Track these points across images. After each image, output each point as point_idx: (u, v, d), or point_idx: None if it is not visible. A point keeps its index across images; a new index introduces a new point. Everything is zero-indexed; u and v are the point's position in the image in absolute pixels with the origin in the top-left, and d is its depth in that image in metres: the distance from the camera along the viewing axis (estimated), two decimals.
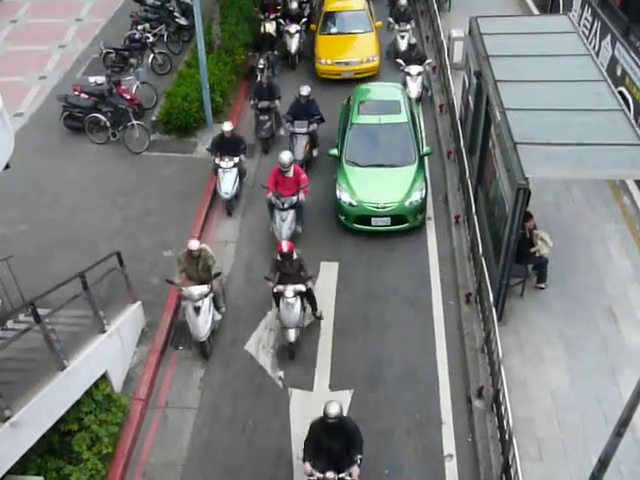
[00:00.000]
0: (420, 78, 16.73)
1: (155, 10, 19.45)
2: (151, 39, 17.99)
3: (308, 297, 11.01)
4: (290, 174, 12.67)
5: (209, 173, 14.30)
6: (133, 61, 17.15)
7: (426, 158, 14.40)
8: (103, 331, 9.95)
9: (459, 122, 14.86)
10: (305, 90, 14.72)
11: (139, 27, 18.29)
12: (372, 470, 9.31)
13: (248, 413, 10.23)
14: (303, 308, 10.87)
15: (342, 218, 13.26)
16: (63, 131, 15.99)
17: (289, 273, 10.75)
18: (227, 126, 13.68)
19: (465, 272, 12.14)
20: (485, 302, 10.74)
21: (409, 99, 15.24)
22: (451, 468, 9.38)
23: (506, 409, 8.85)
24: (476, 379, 10.29)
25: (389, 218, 12.93)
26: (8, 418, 7.91)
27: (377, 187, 13.14)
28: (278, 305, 10.80)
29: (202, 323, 10.52)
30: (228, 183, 13.53)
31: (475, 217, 11.87)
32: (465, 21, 14.44)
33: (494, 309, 10.04)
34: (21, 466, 8.46)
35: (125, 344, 10.68)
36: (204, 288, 10.52)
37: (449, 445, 9.62)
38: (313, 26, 19.56)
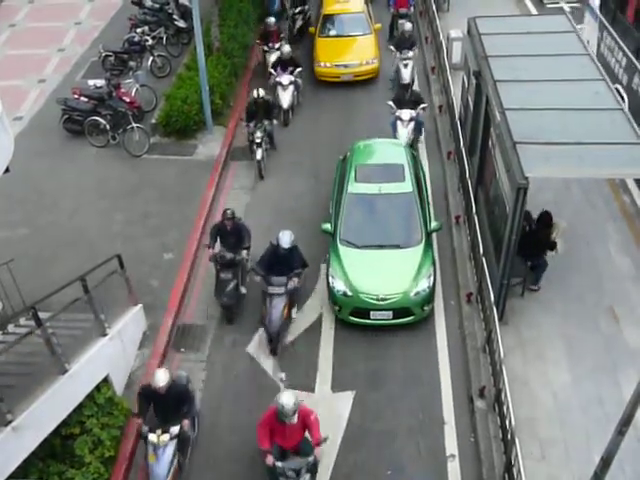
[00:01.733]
0: (412, 124, 14.79)
1: (154, 13, 19.46)
2: (150, 42, 18.01)
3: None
4: (294, 420, 8.45)
5: (208, 175, 14.30)
6: (132, 64, 17.18)
7: (426, 160, 13.97)
8: (104, 334, 9.95)
9: (459, 122, 14.86)
10: (286, 239, 11.02)
11: (138, 30, 18.31)
12: (374, 471, 9.32)
13: (250, 415, 10.20)
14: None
15: (335, 309, 11.40)
16: (63, 134, 16.00)
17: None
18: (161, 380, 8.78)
19: (466, 272, 12.13)
20: (486, 302, 10.73)
21: (413, 157, 13.44)
22: (453, 468, 9.37)
23: (508, 409, 8.84)
24: (478, 379, 10.29)
25: (391, 312, 11.09)
26: (10, 422, 7.92)
27: (377, 274, 11.24)
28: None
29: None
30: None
31: (475, 217, 11.87)
32: (464, 21, 14.45)
33: (495, 309, 10.04)
34: (23, 470, 8.44)
35: (126, 347, 10.68)
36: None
37: (451, 445, 9.62)
38: (312, 29, 19.45)
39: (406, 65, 17.10)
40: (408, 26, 17.65)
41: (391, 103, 14.99)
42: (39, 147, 15.59)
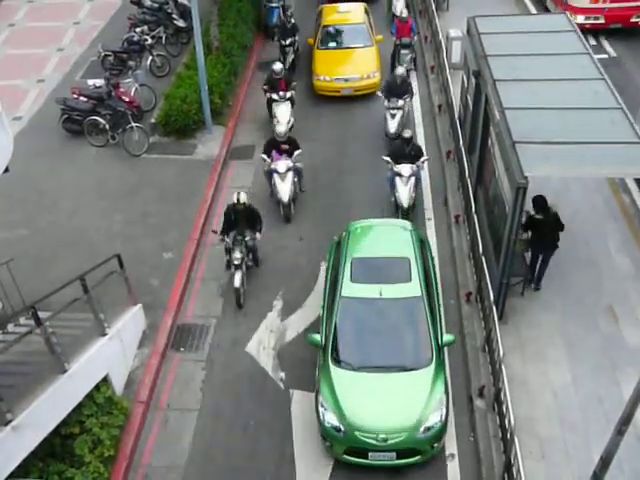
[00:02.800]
0: (413, 179, 13.00)
1: (153, 12, 19.44)
2: (149, 41, 17.98)
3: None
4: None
5: (208, 175, 14.26)
6: (131, 63, 17.15)
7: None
8: (104, 334, 9.95)
9: (458, 122, 14.86)
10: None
11: (137, 29, 18.28)
12: (373, 471, 9.31)
13: (249, 414, 10.22)
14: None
15: (326, 444, 9.36)
16: (62, 134, 15.99)
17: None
18: None
19: (465, 271, 12.14)
20: (486, 301, 10.73)
21: (422, 244, 11.27)
22: (453, 467, 9.39)
23: (507, 408, 8.85)
24: (477, 378, 10.29)
25: (394, 452, 9.03)
26: (10, 422, 7.92)
27: (376, 405, 9.17)
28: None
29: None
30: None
31: (475, 216, 11.87)
32: (463, 21, 14.45)
33: (495, 308, 10.04)
34: (23, 470, 8.45)
35: (126, 347, 10.68)
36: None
37: (451, 444, 9.62)
38: (310, 40, 18.67)
39: (393, 115, 15.24)
40: (400, 71, 15.47)
41: (387, 158, 13.13)
42: (38, 147, 15.58)
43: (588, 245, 12.26)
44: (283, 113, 15.64)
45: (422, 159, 13.29)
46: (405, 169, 12.89)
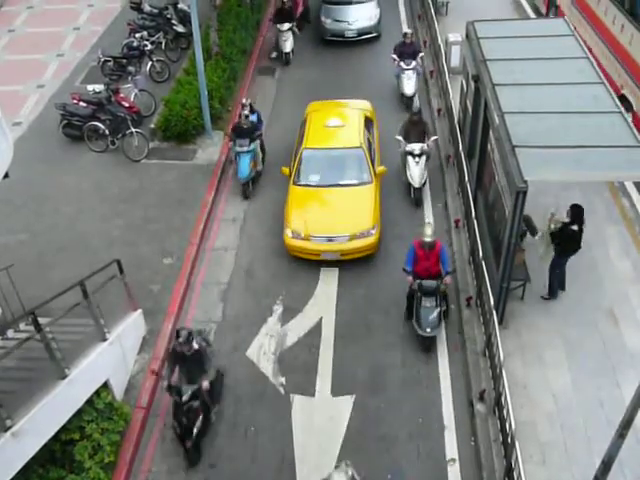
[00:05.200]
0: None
1: (153, 18, 19.50)
2: (149, 47, 18.02)
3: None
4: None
5: (208, 180, 14.27)
6: (131, 69, 17.18)
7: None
8: (104, 339, 9.95)
9: (457, 126, 14.87)
10: None
11: (137, 35, 18.32)
12: (374, 475, 9.30)
13: (250, 419, 10.21)
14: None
15: None
16: (62, 140, 16.01)
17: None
18: None
19: (465, 276, 12.14)
20: (486, 306, 10.73)
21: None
22: (454, 472, 9.36)
23: (508, 412, 8.84)
24: (478, 383, 10.28)
25: None
26: (9, 428, 7.92)
27: None
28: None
29: None
30: None
31: (475, 221, 11.88)
32: (462, 25, 14.46)
33: (495, 312, 10.03)
34: (23, 476, 8.43)
35: (126, 352, 10.67)
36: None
37: (451, 449, 9.61)
38: (285, 169, 13.76)
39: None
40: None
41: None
42: (38, 152, 15.60)
43: (588, 248, 12.24)
44: None
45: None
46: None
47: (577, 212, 10.84)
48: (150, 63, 18.02)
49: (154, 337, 11.35)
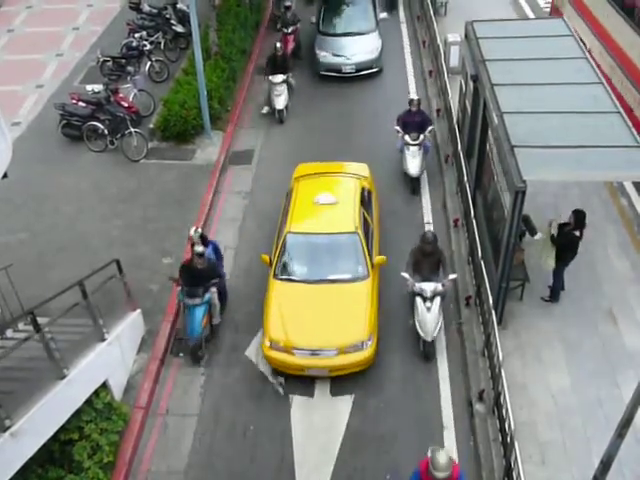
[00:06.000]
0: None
1: (152, 18, 19.49)
2: (148, 47, 18.01)
3: None
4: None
5: (207, 180, 14.25)
6: (130, 69, 17.17)
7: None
8: (103, 339, 9.94)
9: (456, 126, 14.88)
10: None
11: (136, 35, 18.32)
12: (373, 475, 9.30)
13: (249, 420, 10.20)
14: None
15: None
16: (61, 140, 16.00)
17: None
18: None
19: (464, 275, 12.14)
20: (485, 305, 10.74)
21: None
22: None
23: (507, 412, 8.84)
24: (477, 383, 10.28)
25: None
26: (8, 428, 7.91)
27: None
28: None
29: None
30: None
31: (474, 220, 11.88)
32: (461, 25, 14.47)
33: (494, 312, 10.04)
34: (22, 476, 8.42)
35: (125, 352, 10.67)
36: None
37: (451, 449, 9.58)
38: (265, 257, 11.54)
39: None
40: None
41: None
42: (37, 152, 15.60)
43: (587, 248, 12.24)
44: None
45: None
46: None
47: (580, 218, 10.81)
48: (149, 63, 18.01)
49: (153, 337, 11.35)
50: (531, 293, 11.50)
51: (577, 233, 10.76)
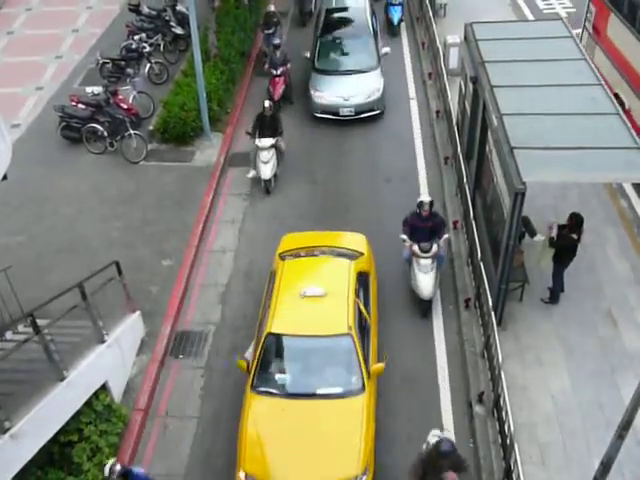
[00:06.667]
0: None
1: (151, 20, 19.48)
2: (147, 49, 18.01)
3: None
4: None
5: (206, 182, 14.24)
6: (130, 71, 17.17)
7: (424, 164, 12.85)
8: (102, 341, 9.93)
9: (456, 128, 14.88)
10: None
11: (135, 37, 18.32)
12: (374, 476, 9.27)
13: None
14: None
15: None
16: (60, 142, 15.99)
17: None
18: None
19: (464, 277, 12.14)
20: (484, 307, 10.73)
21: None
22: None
23: (507, 414, 8.83)
24: (476, 384, 10.28)
25: None
26: (8, 430, 7.90)
27: None
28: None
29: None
30: None
31: (473, 222, 11.88)
32: (460, 27, 14.48)
33: (493, 314, 10.04)
34: (21, 478, 8.41)
35: (125, 354, 10.66)
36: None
37: None
38: (242, 363, 9.78)
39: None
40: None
41: (404, 237, 11.30)
42: (37, 154, 15.58)
43: (586, 250, 12.25)
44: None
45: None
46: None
47: (577, 222, 10.82)
48: (149, 65, 18.02)
49: (153, 339, 11.34)
50: (531, 295, 11.50)
51: (575, 236, 10.76)
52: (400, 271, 12.11)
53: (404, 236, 11.30)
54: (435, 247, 11.08)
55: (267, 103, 14.66)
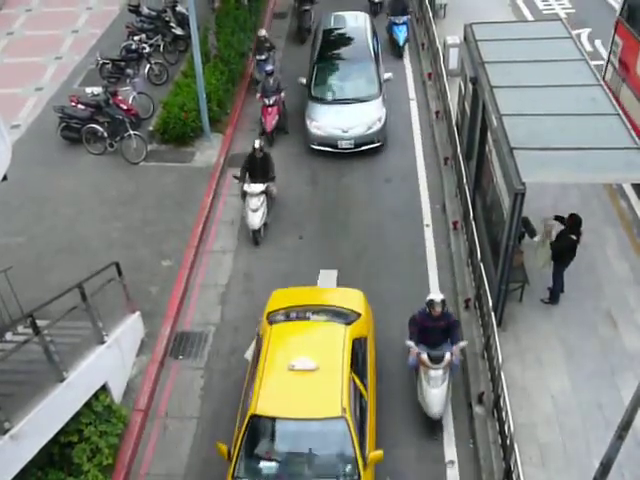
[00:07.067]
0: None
1: (151, 20, 19.48)
2: (147, 49, 18.01)
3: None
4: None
5: (206, 182, 14.23)
6: (129, 71, 17.16)
7: (424, 166, 12.41)
8: (102, 342, 9.93)
9: (455, 128, 14.89)
10: None
11: (135, 38, 18.32)
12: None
13: None
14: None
15: None
16: (60, 142, 15.99)
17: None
18: None
19: (464, 278, 12.14)
20: (484, 308, 10.74)
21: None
22: (453, 474, 9.36)
23: (507, 414, 8.84)
24: (476, 385, 10.28)
25: None
26: (8, 430, 7.90)
27: None
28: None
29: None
30: None
31: (473, 223, 11.89)
32: (460, 28, 14.49)
33: (493, 314, 10.04)
34: (21, 479, 8.40)
35: (124, 355, 10.66)
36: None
37: (450, 451, 9.60)
38: (222, 448, 8.74)
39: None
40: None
41: (411, 343, 9.60)
42: (36, 155, 15.58)
43: (586, 250, 12.25)
44: None
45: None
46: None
47: (576, 222, 10.83)
48: (148, 66, 18.01)
49: (153, 339, 11.34)
50: (531, 295, 11.51)
51: (574, 237, 10.76)
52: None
53: (411, 342, 9.58)
54: (448, 356, 9.39)
55: (257, 143, 13.25)
